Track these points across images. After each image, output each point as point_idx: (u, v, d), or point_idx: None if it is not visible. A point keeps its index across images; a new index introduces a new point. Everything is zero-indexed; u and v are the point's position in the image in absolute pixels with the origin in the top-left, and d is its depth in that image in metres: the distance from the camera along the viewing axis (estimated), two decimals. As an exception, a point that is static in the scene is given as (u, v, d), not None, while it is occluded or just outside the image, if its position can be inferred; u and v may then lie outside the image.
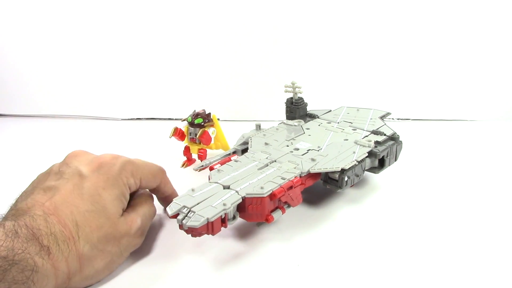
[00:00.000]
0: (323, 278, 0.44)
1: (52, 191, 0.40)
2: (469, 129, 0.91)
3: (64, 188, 0.40)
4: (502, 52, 0.91)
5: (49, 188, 0.40)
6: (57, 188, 0.40)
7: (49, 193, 0.40)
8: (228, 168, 0.52)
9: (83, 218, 0.39)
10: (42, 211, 0.38)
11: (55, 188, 0.40)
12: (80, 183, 0.41)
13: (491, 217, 0.55)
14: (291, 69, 0.93)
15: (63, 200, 0.39)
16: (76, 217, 0.39)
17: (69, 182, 0.41)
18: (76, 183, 0.41)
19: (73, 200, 0.40)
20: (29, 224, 0.36)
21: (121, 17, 0.92)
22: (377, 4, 0.89)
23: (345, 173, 0.52)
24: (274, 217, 0.47)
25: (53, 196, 0.39)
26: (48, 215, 0.37)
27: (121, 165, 0.45)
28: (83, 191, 0.40)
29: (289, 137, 0.62)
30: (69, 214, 0.39)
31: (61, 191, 0.40)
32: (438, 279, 0.44)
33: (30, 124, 0.96)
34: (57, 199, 0.39)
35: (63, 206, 0.39)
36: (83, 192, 0.40)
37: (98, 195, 0.41)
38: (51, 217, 0.38)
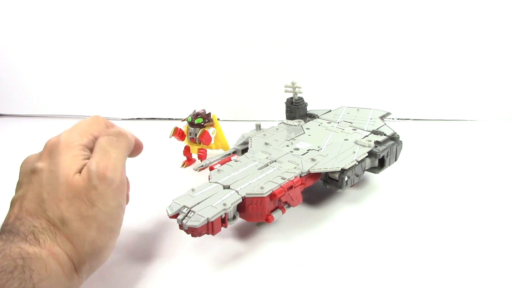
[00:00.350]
0: (323, 278, 0.44)
1: (20, 200, 0.39)
2: (469, 129, 0.91)
3: (27, 191, 0.39)
4: (502, 52, 0.91)
5: (16, 199, 0.40)
6: (23, 195, 0.39)
7: (19, 203, 0.39)
8: (228, 168, 0.52)
9: (47, 202, 0.38)
10: (16, 217, 0.38)
11: (22, 197, 0.39)
12: (38, 177, 0.39)
13: (491, 217, 0.55)
14: (291, 69, 0.93)
15: (28, 200, 0.38)
16: (42, 206, 0.38)
17: (29, 184, 0.40)
18: (36, 180, 0.39)
19: (37, 194, 0.38)
20: (6, 228, 0.36)
21: (121, 17, 0.92)
22: (377, 4, 0.89)
23: (345, 173, 0.52)
24: (274, 217, 0.47)
25: (21, 203, 0.39)
26: (21, 218, 0.37)
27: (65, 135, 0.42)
28: (42, 181, 0.39)
29: (289, 137, 0.62)
30: (37, 207, 0.38)
31: (25, 195, 0.39)
32: (438, 278, 0.44)
33: (30, 124, 0.97)
34: (23, 202, 0.39)
35: (32, 204, 0.38)
36: (42, 183, 0.39)
37: (51, 171, 0.39)
38: (25, 218, 0.37)
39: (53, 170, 0.39)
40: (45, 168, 0.40)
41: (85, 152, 0.41)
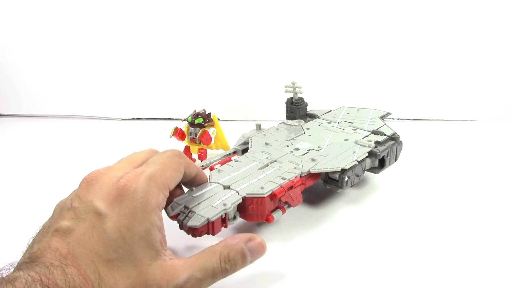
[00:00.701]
0: (323, 278, 0.44)
1: (67, 234, 0.34)
2: (469, 129, 0.91)
3: (80, 231, 0.34)
4: (502, 52, 0.91)
5: (62, 229, 0.34)
6: (73, 230, 0.34)
7: (65, 237, 0.34)
8: (228, 168, 0.52)
9: (106, 268, 0.33)
10: (59, 261, 0.32)
11: (70, 230, 0.34)
12: (99, 224, 0.34)
13: (492, 217, 0.55)
14: (291, 69, 0.94)
15: (81, 245, 0.33)
16: (98, 267, 0.33)
17: (85, 222, 0.34)
18: (94, 224, 0.34)
19: (93, 246, 0.33)
20: (44, 279, 0.30)
21: (121, 17, 0.93)
22: (378, 5, 0.89)
23: (346, 173, 0.53)
24: (274, 217, 0.48)
25: (69, 241, 0.33)
26: (66, 265, 0.32)
27: (144, 186, 0.37)
28: (104, 235, 0.34)
29: (289, 137, 0.62)
30: (90, 264, 0.33)
31: (77, 234, 0.34)
32: (438, 279, 0.44)
33: (31, 124, 0.97)
34: (74, 245, 0.33)
35: (83, 254, 0.33)
36: (104, 236, 0.34)
37: (122, 238, 0.34)
38: (70, 268, 0.32)
39: (123, 235, 0.34)
40: (111, 219, 0.35)
41: (160, 222, 0.37)
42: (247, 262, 0.40)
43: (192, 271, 0.36)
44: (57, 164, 0.75)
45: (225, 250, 0.38)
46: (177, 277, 0.35)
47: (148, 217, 0.36)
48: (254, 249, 0.40)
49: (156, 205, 0.37)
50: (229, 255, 0.38)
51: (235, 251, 0.39)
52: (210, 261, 0.37)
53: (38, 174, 0.70)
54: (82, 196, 0.36)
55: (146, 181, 0.37)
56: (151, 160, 0.40)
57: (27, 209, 0.57)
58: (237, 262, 0.39)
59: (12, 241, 0.38)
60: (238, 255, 0.39)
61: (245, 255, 0.39)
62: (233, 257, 0.38)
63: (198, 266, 0.37)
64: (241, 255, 0.39)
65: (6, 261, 0.37)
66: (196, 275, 0.36)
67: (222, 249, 0.38)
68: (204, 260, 0.37)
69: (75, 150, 0.81)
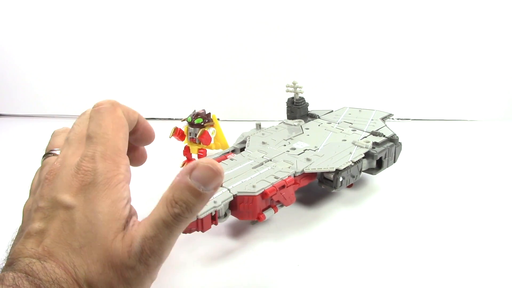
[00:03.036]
0: (322, 278, 0.45)
1: (40, 234, 0.34)
2: (469, 129, 0.93)
3: (52, 228, 0.34)
4: (502, 52, 0.93)
5: (35, 231, 0.34)
6: (45, 230, 0.34)
7: (38, 238, 0.34)
8: (223, 166, 0.53)
9: (78, 256, 0.33)
10: (37, 258, 0.33)
11: (42, 231, 0.34)
12: (69, 216, 0.34)
13: (492, 218, 0.56)
14: (292, 69, 0.95)
15: (56, 241, 0.34)
16: (72, 258, 0.33)
17: (55, 219, 0.34)
18: (64, 218, 0.34)
19: (66, 238, 0.34)
20: (30, 272, 0.31)
21: (122, 18, 0.95)
22: (378, 5, 0.91)
23: (340, 174, 0.54)
24: (266, 216, 0.49)
25: (43, 241, 0.34)
26: (44, 261, 0.32)
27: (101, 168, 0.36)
28: (73, 225, 0.34)
29: (288, 137, 0.64)
30: (65, 256, 0.33)
31: (50, 233, 0.34)
32: (436, 280, 0.45)
33: (31, 124, 0.99)
34: (49, 243, 0.34)
35: (58, 249, 0.33)
36: (73, 227, 0.34)
37: (88, 222, 0.34)
38: (49, 262, 0.33)
39: (90, 218, 0.34)
40: (78, 208, 0.34)
41: (126, 193, 0.37)
42: (201, 194, 0.34)
43: (144, 231, 0.34)
44: None
45: (170, 193, 0.34)
46: (133, 244, 0.33)
47: (112, 192, 0.35)
48: (201, 176, 0.34)
49: (120, 179, 0.36)
50: (174, 196, 0.34)
51: (180, 189, 0.34)
52: (158, 212, 0.34)
53: None
54: (46, 194, 0.36)
55: (101, 161, 0.36)
56: (91, 132, 0.38)
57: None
58: (187, 199, 0.34)
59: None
60: (185, 191, 0.34)
61: (194, 187, 0.34)
62: (179, 196, 0.34)
63: (148, 224, 0.34)
64: (189, 190, 0.34)
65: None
66: (149, 233, 0.34)
67: (167, 194, 0.35)
68: (153, 214, 0.35)
69: None
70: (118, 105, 0.39)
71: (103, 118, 0.38)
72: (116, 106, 0.39)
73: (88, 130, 0.38)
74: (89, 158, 0.36)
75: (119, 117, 0.39)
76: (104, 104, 0.39)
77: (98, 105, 0.39)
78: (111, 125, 0.38)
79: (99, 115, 0.38)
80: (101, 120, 0.38)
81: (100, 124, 0.38)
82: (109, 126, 0.38)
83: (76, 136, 0.40)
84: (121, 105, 0.40)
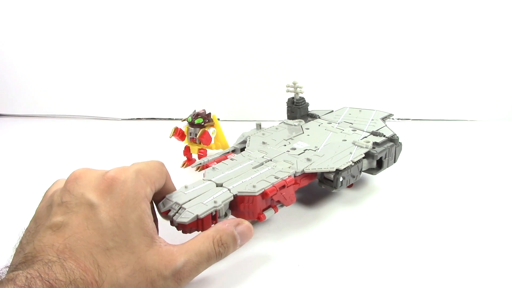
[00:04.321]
0: (322, 278, 0.45)
1: (61, 229, 0.35)
2: (469, 129, 0.93)
3: (75, 224, 0.35)
4: (502, 52, 0.93)
5: (56, 225, 0.35)
6: (67, 224, 0.35)
7: (59, 232, 0.35)
8: (223, 166, 0.55)
9: (104, 257, 0.34)
10: (57, 256, 0.33)
11: (64, 225, 0.35)
12: (93, 214, 0.36)
13: (492, 218, 0.56)
14: (292, 70, 0.96)
15: (78, 238, 0.34)
16: (96, 258, 0.34)
17: (78, 215, 0.35)
18: (88, 215, 0.36)
19: (90, 237, 0.35)
20: (44, 275, 0.31)
21: (121, 17, 0.95)
22: (378, 5, 0.91)
23: (340, 174, 0.54)
24: (266, 216, 0.50)
25: (64, 235, 0.34)
26: (64, 259, 0.33)
27: (133, 177, 0.39)
28: (99, 225, 0.35)
29: (288, 137, 0.64)
30: (88, 255, 0.34)
31: (72, 227, 0.35)
32: (437, 279, 0.45)
33: (30, 124, 1.00)
34: (70, 239, 0.34)
35: (80, 246, 0.34)
36: (99, 226, 0.35)
37: (117, 226, 0.36)
38: (69, 261, 0.33)
39: (118, 223, 0.36)
40: (104, 209, 0.36)
41: (149, 210, 0.40)
42: (237, 245, 0.43)
43: (189, 255, 0.39)
44: (57, 164, 0.76)
45: (217, 234, 0.41)
46: (174, 262, 0.38)
47: (139, 205, 0.38)
48: (243, 232, 0.43)
49: (145, 195, 0.40)
50: (222, 238, 0.41)
51: (227, 235, 0.42)
52: (204, 245, 0.40)
53: (38, 174, 0.72)
54: (72, 190, 0.37)
55: (134, 173, 0.40)
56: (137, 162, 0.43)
57: (27, 209, 0.59)
58: (229, 245, 0.42)
59: (12, 241, 0.39)
60: (230, 238, 0.42)
61: (236, 238, 0.42)
62: (225, 240, 0.41)
63: (193, 251, 0.39)
64: (232, 238, 0.42)
65: (5, 261, 0.37)
66: (193, 259, 0.39)
67: (214, 233, 0.41)
68: (198, 245, 0.40)
69: (75, 150, 0.83)
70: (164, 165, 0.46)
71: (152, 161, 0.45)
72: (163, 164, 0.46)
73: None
74: (122, 168, 0.40)
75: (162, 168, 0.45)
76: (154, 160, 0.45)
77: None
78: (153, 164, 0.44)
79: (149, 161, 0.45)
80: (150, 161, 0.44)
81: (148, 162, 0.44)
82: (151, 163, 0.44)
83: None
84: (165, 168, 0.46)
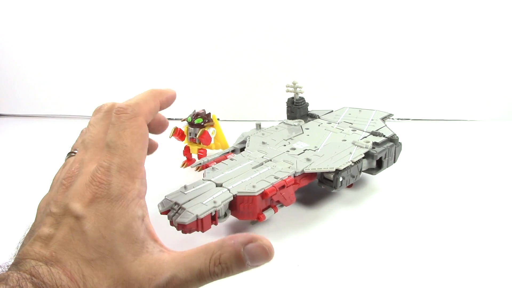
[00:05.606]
0: (322, 278, 0.46)
1: (48, 239, 0.34)
2: (469, 129, 0.93)
3: (61, 235, 0.34)
4: (502, 52, 0.93)
5: (44, 236, 0.35)
6: (54, 236, 0.34)
7: (47, 242, 0.34)
8: (223, 166, 0.55)
9: (89, 268, 0.33)
10: (44, 262, 0.33)
11: (50, 237, 0.34)
12: (78, 226, 0.34)
13: (492, 218, 0.56)
14: (292, 70, 0.96)
15: (64, 248, 0.34)
16: (81, 267, 0.33)
17: (64, 226, 0.35)
18: (73, 227, 0.34)
19: (75, 248, 0.34)
20: (34, 278, 0.31)
21: (122, 18, 0.95)
22: (378, 5, 0.91)
23: (340, 174, 0.54)
24: (266, 216, 0.50)
25: (51, 247, 0.34)
26: (51, 265, 0.33)
27: (116, 182, 0.36)
28: (84, 236, 0.34)
29: (288, 137, 0.64)
30: (74, 264, 0.33)
31: (58, 239, 0.34)
32: (437, 279, 0.45)
33: (31, 124, 1.00)
34: (57, 249, 0.34)
35: (65, 256, 0.33)
36: (84, 238, 0.34)
37: (102, 237, 0.34)
38: (55, 267, 0.33)
39: (103, 234, 0.34)
40: (89, 220, 0.35)
41: (140, 211, 0.36)
42: (245, 266, 0.34)
43: (177, 270, 0.34)
44: (57, 164, 0.75)
45: (218, 250, 0.35)
46: (159, 276, 0.34)
47: (126, 211, 0.35)
48: (254, 252, 0.34)
49: (134, 195, 0.36)
50: (221, 256, 0.34)
51: (229, 253, 0.34)
52: (198, 260, 0.34)
53: (38, 174, 0.72)
54: (59, 201, 0.36)
55: (116, 175, 0.36)
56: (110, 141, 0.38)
57: (26, 209, 0.60)
58: (230, 265, 0.34)
59: (12, 241, 0.39)
60: (232, 258, 0.34)
61: (242, 258, 0.34)
62: (225, 259, 0.34)
63: (184, 265, 0.35)
64: (236, 258, 0.34)
65: (4, 260, 0.37)
66: (180, 275, 0.34)
67: (215, 249, 0.35)
68: (192, 259, 0.35)
69: None
70: (139, 114, 0.39)
71: (124, 128, 0.38)
72: (138, 115, 0.39)
73: (107, 138, 0.38)
74: (104, 169, 0.36)
75: (139, 126, 0.39)
76: (127, 110, 0.38)
77: (120, 111, 0.38)
78: (130, 136, 0.38)
79: (120, 124, 0.38)
80: (122, 130, 0.38)
81: (120, 135, 0.37)
82: (128, 137, 0.37)
83: (92, 139, 0.40)
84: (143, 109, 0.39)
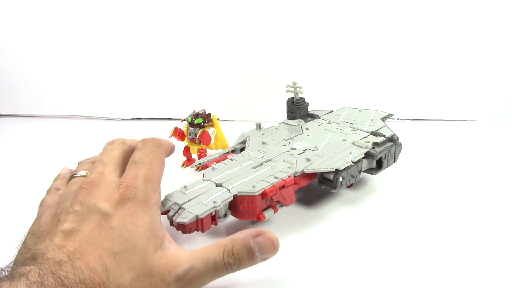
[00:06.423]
0: (322, 278, 0.46)
1: (72, 234, 0.36)
2: (469, 129, 0.93)
3: (87, 230, 0.36)
4: (502, 52, 0.93)
5: (68, 230, 0.36)
6: (78, 230, 0.36)
7: (70, 237, 0.36)
8: (223, 167, 0.55)
9: (113, 261, 0.35)
10: (67, 256, 0.34)
11: (75, 231, 0.36)
12: (106, 222, 0.37)
13: (492, 218, 0.56)
14: (292, 69, 0.96)
15: (88, 243, 0.35)
16: (105, 261, 0.35)
17: (90, 222, 0.37)
18: (100, 223, 0.37)
19: (100, 242, 0.36)
20: (55, 272, 0.32)
21: (121, 17, 0.95)
22: (378, 5, 0.91)
23: (340, 174, 0.54)
24: (266, 216, 0.50)
25: (75, 240, 0.35)
26: (74, 260, 0.34)
27: (143, 188, 0.40)
28: (110, 231, 0.36)
29: (288, 137, 0.64)
30: (97, 258, 0.35)
31: (84, 233, 0.36)
32: (437, 279, 0.45)
33: (31, 124, 1.00)
34: (81, 243, 0.35)
35: (90, 250, 0.35)
36: (110, 233, 0.36)
37: (127, 232, 0.37)
38: (78, 262, 0.34)
39: (129, 229, 0.37)
40: (117, 217, 0.38)
41: (159, 216, 0.41)
42: (255, 258, 0.40)
43: (194, 262, 0.38)
44: (57, 164, 0.74)
45: (230, 243, 0.39)
46: (178, 267, 0.37)
47: (150, 211, 0.39)
48: (262, 244, 0.40)
49: (155, 203, 0.41)
50: (234, 248, 0.39)
51: (240, 245, 0.39)
52: (213, 253, 0.38)
53: (38, 174, 0.72)
54: (84, 201, 0.39)
55: (143, 183, 0.41)
56: (137, 159, 0.44)
57: (26, 209, 0.59)
58: (242, 257, 0.39)
59: (12, 241, 0.40)
60: (244, 249, 0.39)
61: (252, 250, 0.39)
62: (237, 251, 0.39)
63: (200, 258, 0.38)
64: (247, 250, 0.39)
65: (6, 260, 0.37)
66: (197, 266, 0.37)
67: (227, 243, 0.39)
68: (207, 252, 0.39)
69: (75, 150, 0.82)
70: (162, 144, 0.47)
71: (150, 151, 0.45)
72: (160, 144, 0.47)
73: (134, 157, 0.44)
74: (132, 177, 0.41)
75: (161, 154, 0.46)
76: (153, 140, 0.47)
77: (147, 140, 0.47)
78: (154, 157, 0.45)
79: (146, 148, 0.46)
80: (148, 152, 0.45)
81: (147, 154, 0.45)
82: (153, 158, 0.45)
83: (111, 159, 0.46)
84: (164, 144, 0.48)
